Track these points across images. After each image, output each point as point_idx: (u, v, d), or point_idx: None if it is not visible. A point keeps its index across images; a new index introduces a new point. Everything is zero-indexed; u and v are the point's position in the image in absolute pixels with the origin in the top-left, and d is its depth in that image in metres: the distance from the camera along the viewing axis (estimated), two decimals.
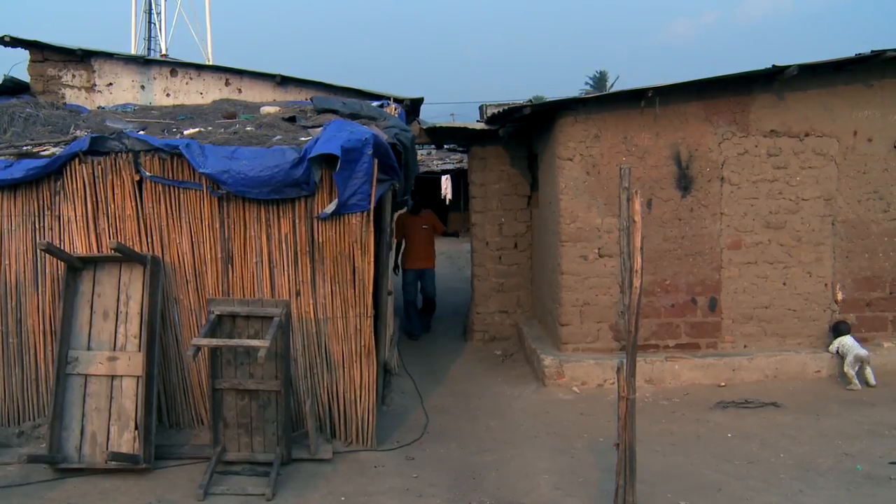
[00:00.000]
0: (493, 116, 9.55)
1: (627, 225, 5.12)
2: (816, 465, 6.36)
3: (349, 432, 6.75)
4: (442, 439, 7.13)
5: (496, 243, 10.61)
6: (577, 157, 8.48)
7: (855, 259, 8.80)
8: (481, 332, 10.67)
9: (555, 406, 7.99)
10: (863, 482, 6.01)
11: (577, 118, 8.47)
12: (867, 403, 7.89)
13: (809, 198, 8.70)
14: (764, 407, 7.75)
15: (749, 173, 8.63)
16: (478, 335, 10.70)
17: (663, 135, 8.54)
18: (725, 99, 8.59)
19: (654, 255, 8.53)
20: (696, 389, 8.33)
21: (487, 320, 10.65)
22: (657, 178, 8.53)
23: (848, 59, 8.38)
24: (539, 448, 6.80)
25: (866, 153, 8.75)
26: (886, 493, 5.81)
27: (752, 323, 8.73)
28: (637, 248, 5.09)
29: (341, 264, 6.65)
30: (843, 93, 8.72)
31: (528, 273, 10.60)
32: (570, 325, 8.57)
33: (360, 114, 8.09)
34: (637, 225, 5.07)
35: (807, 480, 6.04)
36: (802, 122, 8.67)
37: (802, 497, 5.75)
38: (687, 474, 6.20)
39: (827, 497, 5.76)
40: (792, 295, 8.74)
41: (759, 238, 8.66)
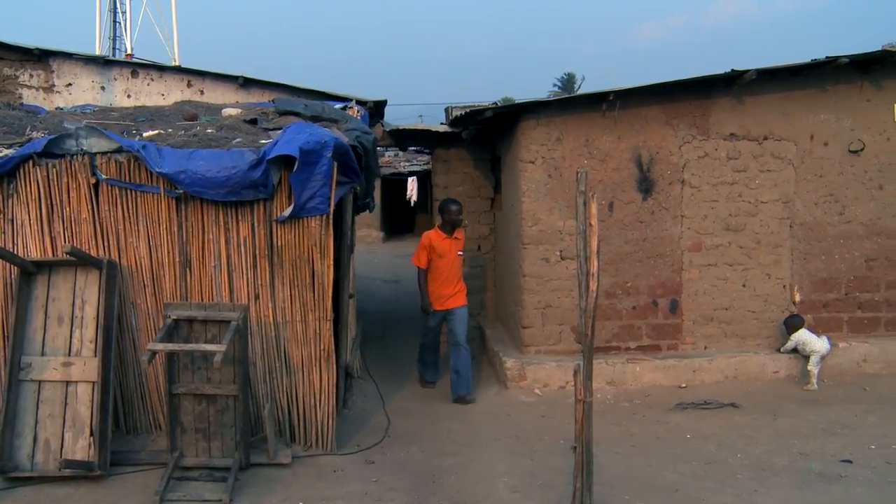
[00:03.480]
0: (455, 119, 9.57)
1: (584, 228, 5.15)
2: (772, 465, 6.44)
3: (309, 436, 6.71)
4: (403, 443, 7.11)
5: None
6: (538, 160, 8.51)
7: (812, 261, 8.92)
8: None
9: (516, 408, 8.02)
10: (815, 481, 6.09)
11: (538, 121, 8.50)
12: (822, 403, 8.01)
13: (768, 200, 8.81)
14: (723, 408, 7.84)
15: (709, 176, 8.72)
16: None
17: (625, 138, 8.60)
18: (686, 102, 8.68)
19: (616, 258, 8.59)
20: (657, 391, 8.40)
21: None
22: (618, 181, 8.59)
23: (804, 64, 8.50)
24: (499, 451, 6.81)
25: (822, 157, 8.87)
26: (837, 491, 5.90)
27: (713, 324, 8.82)
28: (594, 251, 5.13)
29: (300, 268, 6.61)
30: (800, 97, 8.84)
31: (492, 275, 10.62)
32: (532, 328, 8.61)
33: (322, 116, 8.06)
34: (593, 228, 5.11)
35: (762, 480, 6.11)
36: (761, 125, 8.78)
37: (757, 496, 5.82)
38: (645, 476, 6.24)
39: (780, 496, 5.83)
40: (751, 296, 8.84)
41: (719, 240, 8.75)
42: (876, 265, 9.01)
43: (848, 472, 6.27)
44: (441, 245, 8.48)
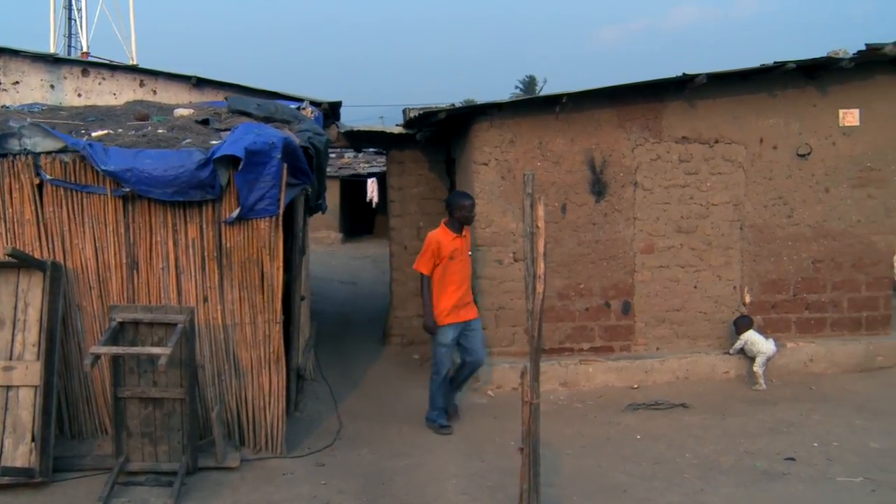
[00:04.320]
0: (410, 120, 9.56)
1: (531, 230, 5.16)
2: (719, 464, 6.52)
3: (258, 439, 6.66)
4: (354, 445, 7.08)
5: (415, 247, 10.53)
6: (492, 162, 8.53)
7: (761, 262, 9.04)
8: (399, 337, 10.66)
9: (469, 410, 8.02)
10: (760, 479, 6.19)
11: (492, 123, 8.52)
12: (770, 402, 8.12)
13: (719, 203, 8.91)
14: (673, 408, 7.92)
15: (661, 179, 8.80)
16: (396, 339, 10.68)
17: (578, 140, 8.65)
18: (638, 105, 8.75)
19: (569, 260, 8.64)
20: (610, 392, 8.46)
21: (406, 324, 10.64)
22: (571, 184, 8.64)
23: (753, 69, 8.61)
24: (451, 452, 6.82)
25: (772, 160, 9.00)
26: (779, 488, 6.00)
27: (665, 325, 8.90)
28: (540, 253, 5.14)
29: (250, 270, 6.55)
30: (750, 101, 8.95)
31: None
32: (485, 330, 8.59)
33: (275, 116, 8.00)
34: (540, 230, 5.12)
35: (708, 479, 6.19)
36: (712, 129, 8.88)
37: (703, 496, 5.89)
38: (595, 476, 6.28)
39: (726, 494, 5.90)
40: (702, 298, 8.94)
41: (671, 242, 8.84)
42: (823, 267, 9.16)
43: (791, 469, 6.37)
44: (451, 245, 7.25)
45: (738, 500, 5.84)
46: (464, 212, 7.31)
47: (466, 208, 7.31)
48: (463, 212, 7.31)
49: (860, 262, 9.25)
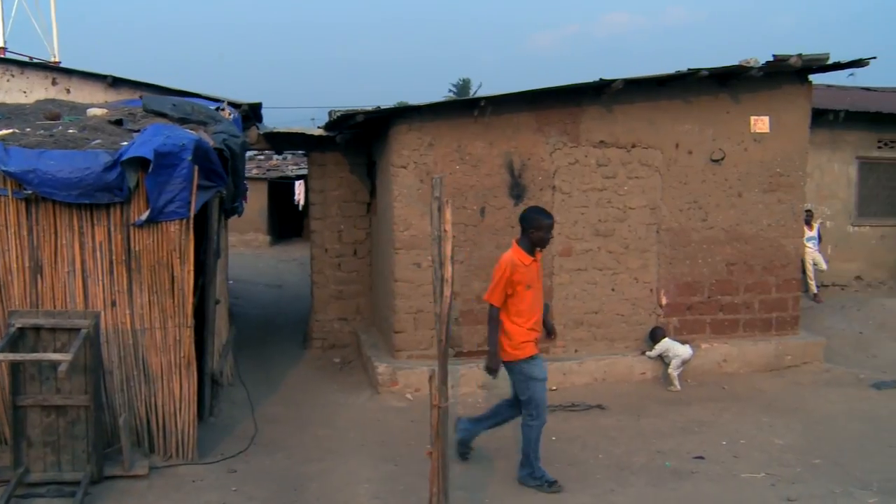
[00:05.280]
0: (329, 123, 9.49)
1: (439, 234, 5.16)
2: (631, 464, 6.61)
3: (169, 446, 6.51)
4: (269, 450, 6.99)
5: (335, 250, 10.55)
6: (410, 165, 8.51)
7: (677, 265, 9.22)
8: (320, 340, 10.58)
9: (387, 413, 7.99)
10: (669, 478, 6.31)
11: (411, 126, 8.50)
12: (684, 403, 8.29)
13: (636, 206, 9.06)
14: (590, 409, 8.02)
15: (579, 182, 8.90)
16: (317, 343, 10.59)
17: (497, 144, 8.69)
18: (557, 110, 8.83)
19: (487, 263, 8.63)
20: None
21: (327, 328, 10.57)
22: (490, 187, 8.68)
23: (669, 75, 8.78)
24: (365, 457, 6.77)
25: (687, 165, 9.19)
26: (687, 486, 6.13)
27: (583, 328, 9.00)
28: (448, 257, 5.13)
29: (159, 273, 6.41)
30: (666, 107, 9.13)
31: (368, 280, 10.58)
32: (403, 333, 8.60)
33: (191, 117, 7.86)
34: (448, 234, 5.12)
35: (619, 479, 6.27)
36: (629, 133, 9.02)
37: (612, 496, 5.96)
38: (508, 478, 6.30)
39: (635, 494, 5.99)
40: (620, 300, 9.07)
41: (589, 245, 8.95)
42: (736, 269, 9.39)
43: (700, 468, 6.50)
44: (527, 272, 6.10)
45: (647, 500, 5.93)
46: (542, 232, 6.12)
47: (545, 228, 6.13)
48: (541, 232, 6.12)
49: (771, 265, 9.51)
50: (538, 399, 6.07)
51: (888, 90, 16.89)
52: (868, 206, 14.19)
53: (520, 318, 6.08)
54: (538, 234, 6.11)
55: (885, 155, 14.12)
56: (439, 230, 5.18)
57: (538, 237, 6.12)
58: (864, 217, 14.19)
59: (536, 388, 6.07)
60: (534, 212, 6.26)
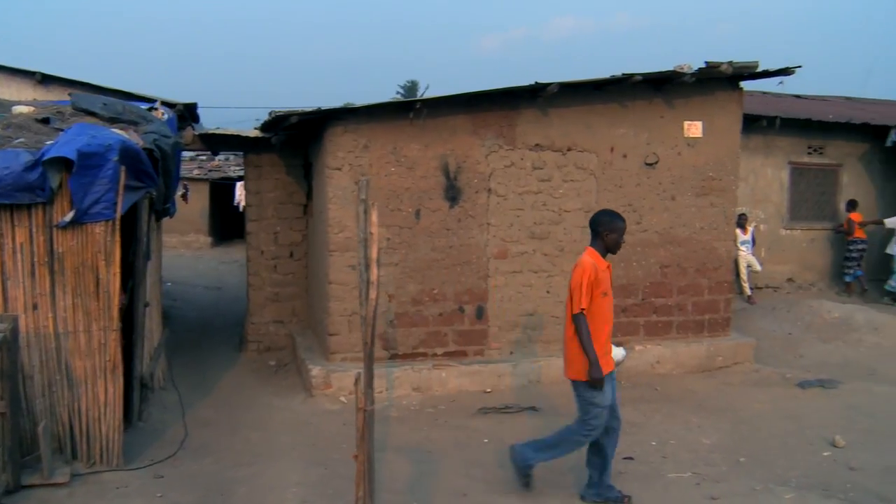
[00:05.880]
0: (265, 124, 9.39)
1: (365, 236, 5.13)
2: (561, 466, 6.59)
3: (93, 452, 6.37)
4: (198, 455, 6.89)
5: (272, 252, 10.46)
6: (345, 167, 8.46)
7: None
8: (256, 343, 10.47)
9: (320, 417, 7.93)
10: None
11: (346, 128, 8.45)
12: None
13: (571, 209, 9.13)
14: (522, 411, 8.04)
15: (515, 185, 8.94)
16: (252, 346, 10.48)
17: (432, 146, 8.68)
18: (493, 112, 8.86)
19: (423, 265, 8.66)
20: (463, 396, 8.52)
21: (262, 330, 10.46)
22: (426, 189, 8.67)
23: (604, 79, 8.87)
24: (295, 460, 6.71)
25: (622, 168, 9.29)
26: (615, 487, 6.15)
27: (518, 330, 9.04)
28: (374, 259, 5.11)
29: (84, 276, 6.27)
30: (601, 111, 9.22)
31: (304, 282, 10.50)
32: (338, 335, 8.54)
33: (122, 117, 7.71)
34: (374, 236, 5.09)
35: (549, 481, 6.28)
36: (565, 137, 9.09)
37: (542, 498, 5.98)
38: (437, 481, 6.29)
39: (564, 496, 6.02)
40: (555, 302, 9.12)
41: (525, 248, 8.99)
42: (669, 272, 9.52)
43: (628, 468, 6.56)
44: (604, 277, 5.74)
45: (574, 501, 5.96)
46: (616, 235, 5.81)
47: (620, 231, 5.83)
48: (615, 235, 5.80)
49: (703, 267, 9.66)
50: (598, 425, 5.71)
51: (818, 98, 17.34)
52: (799, 209, 14.55)
53: (602, 331, 5.69)
54: (612, 238, 5.79)
55: (815, 160, 14.49)
56: (366, 232, 5.16)
57: (612, 240, 5.80)
58: (796, 220, 14.54)
59: (599, 414, 5.68)
60: (607, 214, 5.94)
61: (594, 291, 5.61)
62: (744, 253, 13.44)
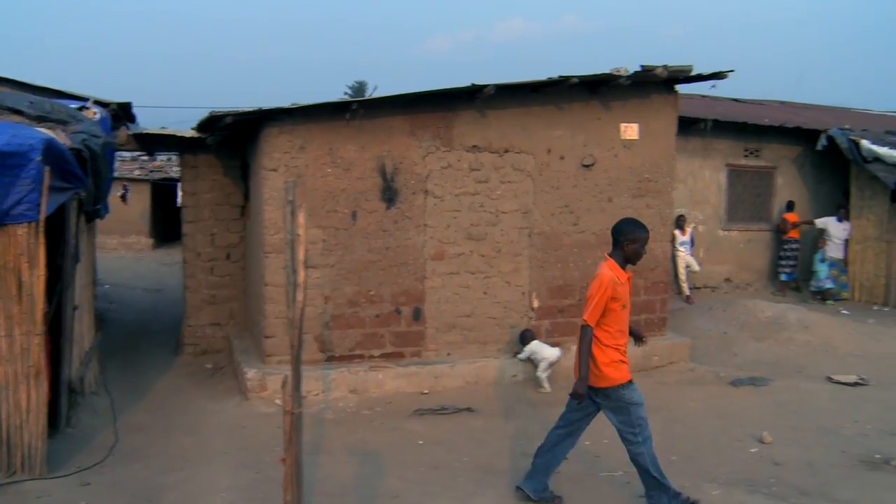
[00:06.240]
0: (201, 124, 9.27)
1: (292, 238, 5.09)
2: (494, 466, 6.67)
3: (13, 461, 6.19)
4: (128, 460, 6.76)
5: (208, 254, 10.33)
6: (281, 168, 8.39)
7: (549, 269, 9.38)
8: (192, 346, 10.34)
9: (254, 420, 7.85)
10: None
11: (282, 129, 8.38)
12: (554, 404, 8.37)
13: (508, 211, 9.17)
14: (459, 412, 8.06)
15: (452, 186, 8.95)
16: (189, 349, 10.34)
17: (369, 147, 8.65)
18: (431, 114, 8.86)
19: (359, 266, 8.62)
20: (400, 398, 8.51)
21: (199, 333, 10.33)
22: (362, 190, 8.63)
23: (541, 81, 8.92)
24: (226, 465, 6.62)
25: (559, 170, 9.36)
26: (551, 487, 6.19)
27: (455, 331, 9.05)
28: (301, 262, 5.06)
29: (5, 278, 6.10)
30: (539, 113, 9.27)
31: (242, 284, 10.39)
32: (274, 337, 8.46)
33: (50, 116, 7.54)
34: (301, 238, 5.05)
35: (482, 482, 6.31)
36: (502, 138, 9.12)
37: (474, 498, 5.99)
38: (370, 484, 6.26)
39: (495, 496, 6.03)
40: (492, 303, 9.16)
41: (462, 249, 9.01)
42: None
43: (562, 468, 6.56)
44: (623, 290, 5.57)
45: (507, 501, 5.98)
46: (637, 245, 5.57)
47: (642, 241, 5.59)
48: (636, 245, 5.57)
49: (640, 268, 9.73)
50: (641, 419, 5.62)
51: (755, 102, 17.68)
52: (736, 211, 14.83)
53: (613, 340, 5.57)
54: (633, 248, 5.56)
55: (751, 163, 14.79)
56: (293, 234, 5.12)
57: (633, 250, 5.57)
58: (733, 222, 14.81)
59: (640, 414, 5.62)
60: (629, 223, 5.68)
61: (611, 304, 5.48)
62: (682, 253, 13.65)
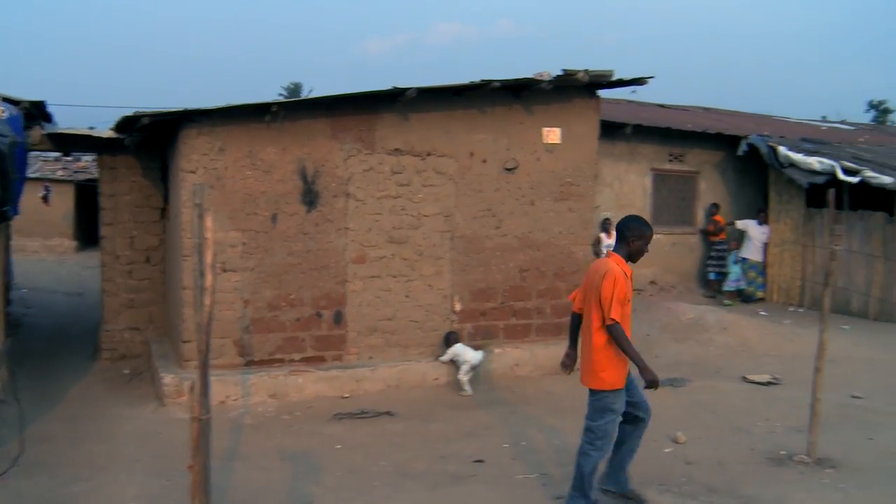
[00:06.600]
0: (119, 124, 9.07)
1: (200, 242, 5.01)
2: (411, 470, 6.66)
3: None
4: (33, 471, 6.54)
5: (127, 257, 10.12)
6: (200, 170, 8.26)
7: (471, 272, 9.41)
8: (110, 351, 10.11)
9: (170, 426, 7.71)
10: (447, 482, 6.38)
11: (201, 130, 8.25)
12: (474, 407, 8.46)
13: (430, 214, 9.17)
14: (378, 416, 8.03)
15: (374, 189, 8.92)
16: (106, 354, 10.11)
17: (290, 150, 8.57)
18: (353, 117, 8.81)
19: (279, 270, 8.54)
20: (320, 402, 8.45)
21: (117, 338, 10.11)
22: (283, 193, 8.55)
23: (464, 85, 8.95)
24: (137, 473, 6.48)
25: (481, 174, 9.41)
26: (462, 489, 6.22)
27: (377, 335, 9.02)
28: (209, 266, 4.99)
29: None
30: (461, 117, 9.31)
31: (161, 288, 10.21)
32: (192, 342, 8.31)
33: None
34: (209, 242, 4.98)
35: (397, 486, 6.30)
36: (425, 142, 9.13)
37: (388, 502, 5.98)
38: (284, 490, 6.20)
39: (410, 499, 6.03)
40: (414, 307, 9.16)
41: (383, 252, 8.98)
42: (528, 276, 9.70)
43: (478, 471, 6.63)
44: (628, 284, 5.53)
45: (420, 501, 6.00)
46: (642, 242, 5.57)
47: (647, 238, 5.61)
48: (641, 242, 5.57)
49: (562, 271, 9.89)
50: (606, 432, 5.58)
51: (680, 107, 18.06)
52: (661, 214, 15.09)
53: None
54: (638, 245, 5.55)
55: (676, 167, 15.10)
56: (201, 238, 5.04)
57: (637, 247, 5.56)
58: (659, 225, 15.00)
59: (611, 422, 5.58)
60: (636, 220, 5.71)
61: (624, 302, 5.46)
62: None
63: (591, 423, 5.62)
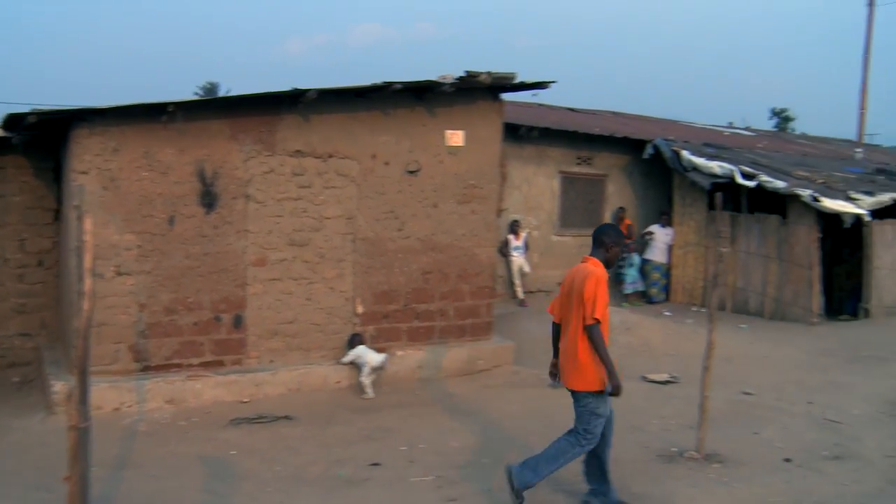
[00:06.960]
0: (5, 123, 8.74)
1: (79, 245, 4.89)
2: (306, 475, 6.62)
3: None
4: None
5: (18, 260, 9.72)
6: (93, 171, 8.02)
7: (374, 274, 9.40)
8: None
9: (58, 436, 7.34)
10: (341, 486, 6.38)
11: (93, 130, 8.02)
12: (375, 410, 8.45)
13: (332, 216, 9.12)
14: (277, 421, 7.96)
15: (274, 192, 8.82)
16: None
17: (188, 151, 8.41)
18: (253, 118, 8.70)
19: (177, 273, 8.37)
20: (219, 407, 8.31)
21: (6, 344, 9.71)
22: (181, 195, 8.38)
23: (366, 86, 8.92)
24: (13, 486, 6.26)
25: (384, 176, 9.40)
26: (357, 494, 6.23)
27: (278, 338, 8.93)
28: (88, 269, 4.88)
29: None
30: (364, 118, 9.28)
31: (55, 292, 9.87)
32: None
33: None
34: (88, 245, 4.86)
35: (291, 491, 6.26)
36: (326, 143, 9.07)
37: None
38: (172, 498, 6.10)
39: None
40: (316, 310, 9.09)
41: (284, 255, 8.89)
42: (431, 278, 9.73)
43: (374, 474, 6.63)
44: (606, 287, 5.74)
45: None
46: (618, 249, 5.87)
47: (621, 246, 5.99)
48: (618, 248, 5.86)
49: (465, 273, 9.95)
50: (597, 434, 5.71)
51: (589, 111, 18.40)
52: (569, 217, 15.34)
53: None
54: (615, 251, 5.82)
55: (583, 170, 15.37)
56: (79, 241, 4.91)
57: (615, 254, 5.83)
58: (566, 227, 15.31)
59: (598, 425, 5.69)
60: (613, 228, 6.03)
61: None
62: (516, 257, 14.04)
63: (584, 426, 5.73)
